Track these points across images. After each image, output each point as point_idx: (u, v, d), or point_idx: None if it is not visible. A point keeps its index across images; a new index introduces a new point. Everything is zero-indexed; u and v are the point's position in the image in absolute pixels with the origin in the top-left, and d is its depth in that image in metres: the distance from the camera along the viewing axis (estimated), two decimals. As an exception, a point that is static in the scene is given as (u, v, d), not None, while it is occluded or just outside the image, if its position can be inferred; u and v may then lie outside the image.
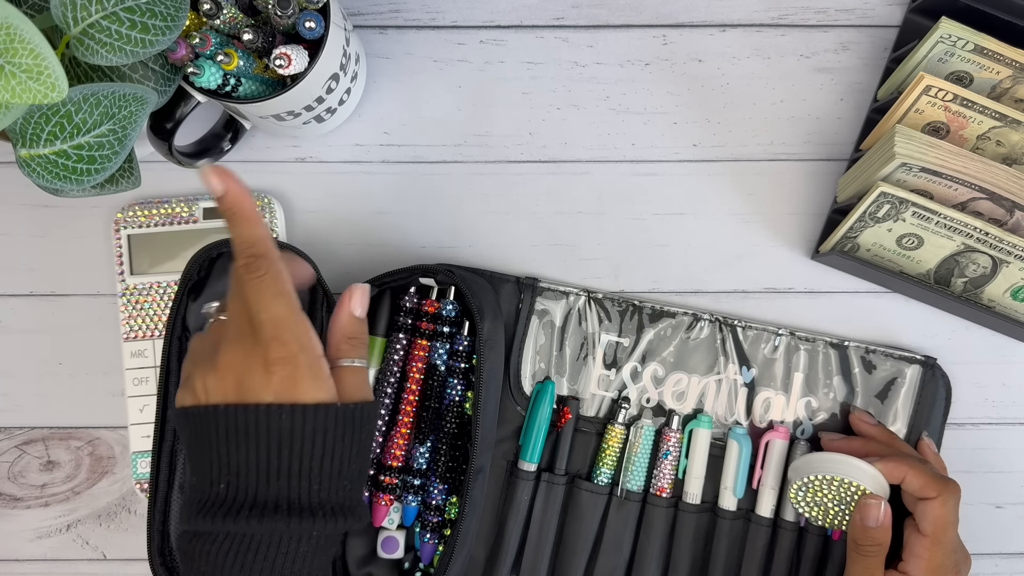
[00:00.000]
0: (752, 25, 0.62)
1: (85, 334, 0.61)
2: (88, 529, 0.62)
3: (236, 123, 0.59)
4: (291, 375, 0.42)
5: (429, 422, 0.57)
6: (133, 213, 0.60)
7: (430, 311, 0.57)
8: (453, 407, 0.57)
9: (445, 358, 0.57)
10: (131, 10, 0.44)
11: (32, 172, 0.44)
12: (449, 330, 0.57)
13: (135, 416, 0.60)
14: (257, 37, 0.50)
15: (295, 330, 0.44)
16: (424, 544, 0.57)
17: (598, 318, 0.60)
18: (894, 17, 0.62)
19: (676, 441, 0.59)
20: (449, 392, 0.57)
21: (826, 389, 0.60)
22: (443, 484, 0.57)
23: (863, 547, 0.53)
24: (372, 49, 0.62)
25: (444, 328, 0.57)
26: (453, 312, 0.57)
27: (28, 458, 0.62)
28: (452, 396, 0.57)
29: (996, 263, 0.53)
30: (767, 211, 0.62)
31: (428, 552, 0.58)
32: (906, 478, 0.53)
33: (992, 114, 0.53)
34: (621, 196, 0.62)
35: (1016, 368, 0.62)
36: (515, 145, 0.62)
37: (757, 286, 0.62)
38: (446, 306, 0.57)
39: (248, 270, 0.44)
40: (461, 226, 0.62)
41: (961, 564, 0.53)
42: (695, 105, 0.62)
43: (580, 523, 0.59)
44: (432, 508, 0.57)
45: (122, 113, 0.45)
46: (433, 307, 0.57)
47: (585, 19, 0.62)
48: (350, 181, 0.62)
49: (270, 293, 0.43)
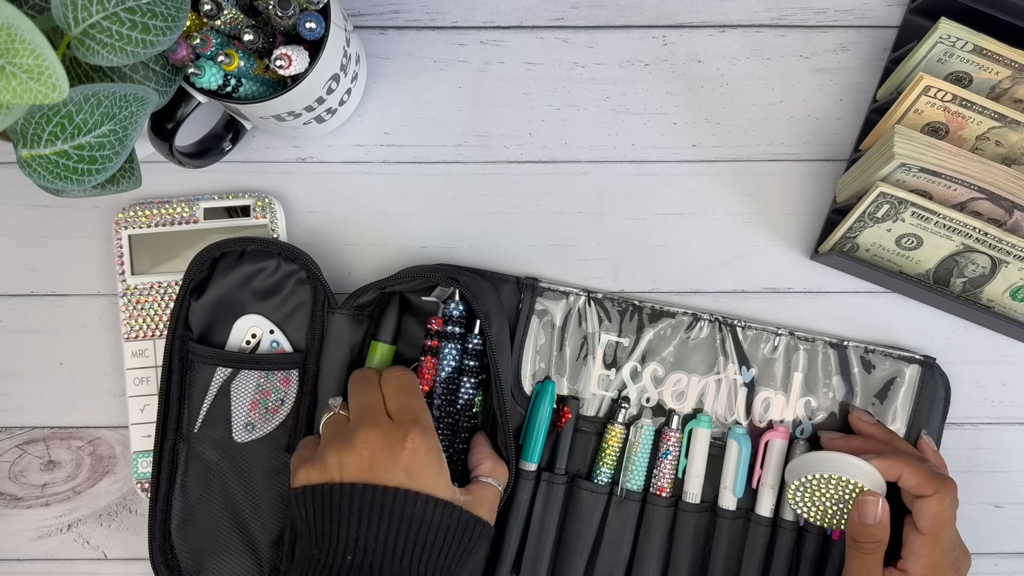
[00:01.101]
0: (751, 26, 0.62)
1: (86, 334, 0.62)
2: (89, 529, 0.62)
3: (237, 123, 0.59)
4: (424, 461, 0.47)
5: (450, 427, 0.57)
6: (134, 213, 0.60)
7: (433, 328, 0.57)
8: (467, 408, 0.57)
9: (457, 359, 0.57)
10: (132, 10, 0.44)
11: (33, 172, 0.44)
12: (459, 331, 0.57)
13: (136, 416, 0.60)
14: (258, 38, 0.50)
15: (431, 423, 0.49)
16: None
17: (598, 318, 0.60)
18: (893, 18, 0.62)
19: (676, 441, 0.59)
20: (462, 395, 0.57)
21: (825, 389, 0.60)
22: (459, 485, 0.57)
23: (861, 544, 0.53)
24: (372, 50, 0.62)
25: (455, 329, 0.57)
26: (456, 312, 0.57)
27: (29, 458, 0.62)
28: (466, 398, 0.57)
29: (995, 263, 0.53)
30: (766, 211, 0.62)
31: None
32: (902, 475, 0.53)
33: (991, 114, 0.53)
34: (621, 196, 0.62)
35: (1015, 368, 0.62)
36: (515, 145, 0.62)
37: (757, 286, 0.62)
38: (452, 309, 0.57)
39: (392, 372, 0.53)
40: (461, 226, 0.62)
41: (960, 562, 0.53)
42: (695, 105, 0.62)
43: (580, 522, 0.59)
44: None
45: (123, 113, 0.45)
46: (437, 323, 0.57)
47: (585, 20, 0.62)
48: (350, 181, 0.62)
49: (407, 389, 0.51)
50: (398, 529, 0.46)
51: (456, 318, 0.57)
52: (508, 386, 0.57)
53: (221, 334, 0.58)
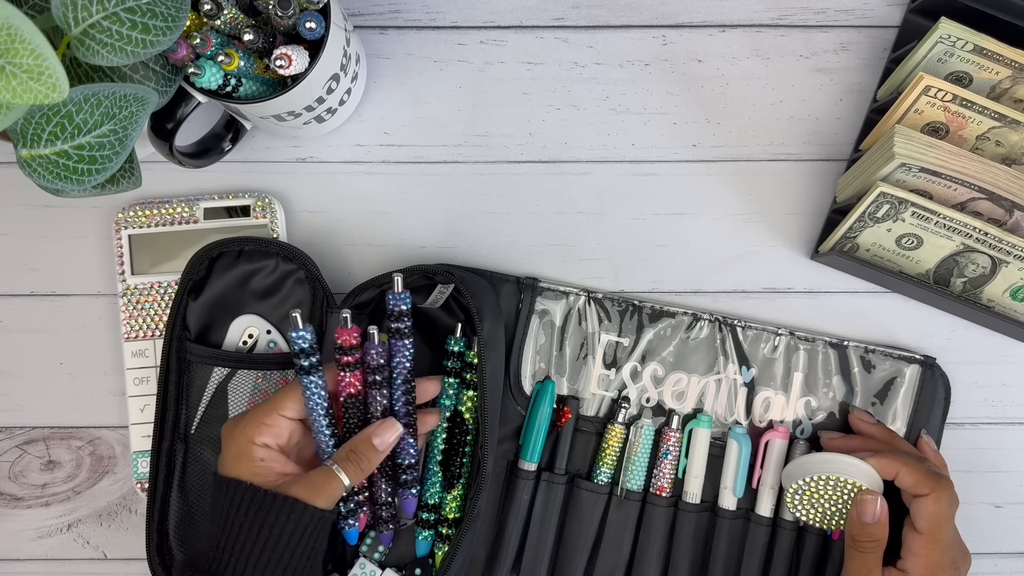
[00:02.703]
0: (752, 25, 0.62)
1: (86, 334, 0.62)
2: (89, 528, 0.62)
3: (237, 123, 0.59)
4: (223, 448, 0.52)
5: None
6: (134, 213, 0.60)
7: (344, 345, 0.53)
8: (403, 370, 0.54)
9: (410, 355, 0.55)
10: (132, 10, 0.44)
11: (33, 172, 0.44)
12: (404, 326, 0.54)
13: (136, 416, 0.60)
14: (258, 37, 0.50)
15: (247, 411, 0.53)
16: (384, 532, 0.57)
17: (598, 318, 0.60)
18: (893, 17, 0.62)
19: (676, 441, 0.59)
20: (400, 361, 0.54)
21: (825, 389, 0.60)
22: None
23: (860, 543, 0.53)
24: (372, 49, 0.62)
25: (400, 325, 0.54)
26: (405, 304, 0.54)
27: (29, 458, 0.62)
28: (402, 363, 0.54)
29: (995, 263, 0.53)
30: (766, 211, 0.62)
31: (410, 505, 0.57)
32: (898, 474, 0.53)
33: (991, 114, 0.53)
34: (621, 196, 0.62)
35: (1015, 368, 0.62)
36: (515, 145, 0.62)
37: (757, 286, 0.62)
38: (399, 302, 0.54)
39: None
40: (461, 226, 0.62)
41: (960, 561, 0.53)
42: (695, 105, 0.62)
43: (580, 522, 0.59)
44: (429, 507, 0.57)
45: (123, 113, 0.45)
46: (350, 340, 0.53)
47: (585, 19, 0.62)
48: (350, 181, 0.62)
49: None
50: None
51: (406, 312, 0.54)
52: (496, 385, 0.57)
53: (219, 334, 0.58)
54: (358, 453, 0.52)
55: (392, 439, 0.53)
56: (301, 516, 0.48)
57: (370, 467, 0.52)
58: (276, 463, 0.51)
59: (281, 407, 0.52)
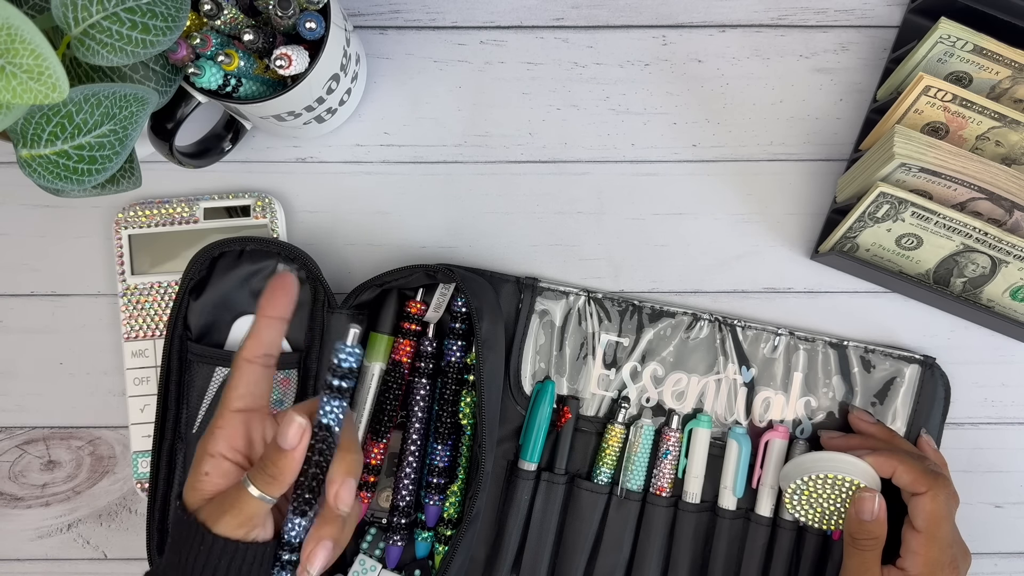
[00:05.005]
0: (752, 25, 0.62)
1: (86, 334, 0.62)
2: (89, 529, 0.62)
3: (237, 123, 0.59)
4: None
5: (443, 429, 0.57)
6: (134, 213, 0.60)
7: (412, 311, 0.58)
8: (453, 370, 0.58)
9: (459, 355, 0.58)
10: (132, 10, 0.44)
11: (33, 172, 0.44)
12: (460, 327, 0.58)
13: (136, 416, 0.60)
14: (258, 38, 0.50)
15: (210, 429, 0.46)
16: (391, 547, 0.58)
17: (598, 318, 0.60)
18: (893, 17, 0.62)
19: (676, 441, 0.59)
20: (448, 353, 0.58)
21: (825, 388, 0.60)
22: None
23: (859, 541, 0.53)
24: (372, 49, 0.62)
25: (454, 324, 0.58)
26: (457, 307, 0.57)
27: (29, 458, 0.62)
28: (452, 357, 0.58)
29: (995, 263, 0.53)
30: (766, 211, 0.62)
31: (394, 555, 0.58)
32: (896, 472, 0.53)
33: (991, 114, 0.53)
34: (621, 196, 0.62)
35: (1015, 368, 0.62)
36: (515, 145, 0.62)
37: (756, 286, 0.62)
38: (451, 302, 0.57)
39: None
40: (461, 226, 0.62)
41: (959, 560, 0.53)
42: (695, 105, 0.62)
43: (580, 522, 0.59)
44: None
45: (123, 113, 0.45)
46: (416, 307, 0.58)
47: (585, 19, 0.62)
48: (350, 181, 0.62)
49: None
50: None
51: (463, 315, 0.57)
52: (495, 385, 0.57)
53: (220, 334, 0.58)
54: (264, 459, 0.44)
55: (293, 433, 0.43)
56: (211, 547, 0.43)
57: (281, 472, 0.43)
58: (220, 476, 0.44)
59: (226, 402, 0.45)
